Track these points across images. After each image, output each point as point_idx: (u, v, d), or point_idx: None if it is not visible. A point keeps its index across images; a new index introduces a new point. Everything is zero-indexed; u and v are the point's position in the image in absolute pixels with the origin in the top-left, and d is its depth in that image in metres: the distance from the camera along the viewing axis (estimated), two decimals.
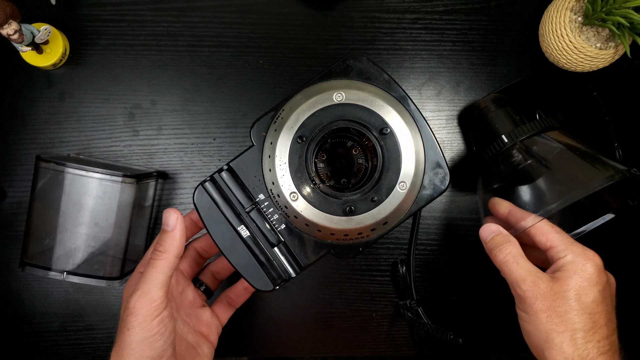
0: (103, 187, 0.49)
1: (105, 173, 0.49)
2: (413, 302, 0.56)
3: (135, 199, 0.51)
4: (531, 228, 0.44)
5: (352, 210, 0.46)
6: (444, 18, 0.58)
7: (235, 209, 0.49)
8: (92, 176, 0.49)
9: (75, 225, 0.49)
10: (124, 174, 0.49)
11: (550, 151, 0.49)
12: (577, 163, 0.47)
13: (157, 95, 0.58)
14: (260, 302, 0.59)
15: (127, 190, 0.50)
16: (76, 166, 0.48)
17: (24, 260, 0.50)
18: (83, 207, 0.49)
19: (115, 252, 0.51)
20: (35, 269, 0.49)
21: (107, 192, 0.49)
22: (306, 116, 0.46)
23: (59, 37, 0.56)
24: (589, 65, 0.53)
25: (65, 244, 0.49)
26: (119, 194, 0.50)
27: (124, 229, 0.51)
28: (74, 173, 0.48)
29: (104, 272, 0.50)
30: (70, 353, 0.59)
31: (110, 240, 0.50)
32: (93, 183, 0.49)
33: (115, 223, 0.50)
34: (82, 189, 0.49)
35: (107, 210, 0.50)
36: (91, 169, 0.49)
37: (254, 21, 0.58)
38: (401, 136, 0.46)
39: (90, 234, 0.49)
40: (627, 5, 0.47)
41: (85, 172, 0.48)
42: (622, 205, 0.50)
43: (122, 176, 0.49)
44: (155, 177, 0.55)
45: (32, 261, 0.50)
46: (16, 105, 0.57)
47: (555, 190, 0.46)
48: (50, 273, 0.49)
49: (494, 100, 0.54)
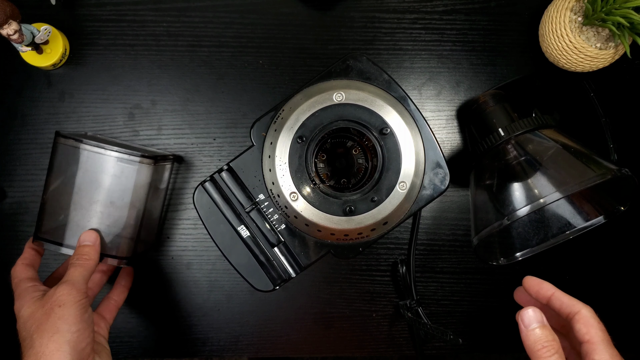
0: (120, 166, 0.49)
1: (123, 152, 0.49)
2: (413, 302, 0.56)
3: (151, 180, 0.51)
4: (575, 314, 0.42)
5: (352, 210, 0.46)
6: (444, 18, 0.58)
7: (235, 209, 0.49)
8: (110, 154, 0.49)
9: (90, 203, 0.49)
10: (142, 154, 0.49)
11: (544, 149, 0.49)
12: (569, 161, 0.47)
13: (157, 95, 0.58)
14: (260, 302, 0.59)
15: (144, 171, 0.50)
16: (93, 143, 0.48)
17: (37, 235, 0.50)
18: (100, 185, 0.49)
19: (128, 232, 0.51)
20: (49, 244, 0.50)
21: (124, 172, 0.49)
22: (306, 116, 0.46)
23: (59, 37, 0.56)
24: (589, 65, 0.53)
25: (79, 221, 0.49)
26: (136, 174, 0.50)
27: (139, 209, 0.51)
28: (91, 150, 0.49)
29: (116, 251, 0.50)
30: None
31: (125, 219, 0.50)
32: (110, 161, 0.49)
33: (130, 203, 0.50)
34: (100, 166, 0.49)
35: (123, 189, 0.50)
36: (109, 147, 0.49)
37: (254, 21, 0.58)
38: (401, 136, 0.46)
39: (105, 212, 0.49)
40: (627, 5, 0.47)
41: (102, 149, 0.49)
42: (613, 210, 0.50)
43: (139, 156, 0.49)
44: (171, 160, 0.55)
45: (46, 236, 0.50)
46: (16, 105, 0.57)
47: (546, 186, 0.46)
48: (63, 249, 0.49)
49: (494, 95, 0.54)
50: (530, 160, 0.49)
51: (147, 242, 0.56)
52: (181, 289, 0.59)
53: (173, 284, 0.58)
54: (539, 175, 0.47)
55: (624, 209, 0.49)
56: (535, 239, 0.53)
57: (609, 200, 0.50)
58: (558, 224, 0.52)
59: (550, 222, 0.53)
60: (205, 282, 0.58)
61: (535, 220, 0.53)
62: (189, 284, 0.58)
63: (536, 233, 0.53)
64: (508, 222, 0.45)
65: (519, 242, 0.53)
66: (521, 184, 0.47)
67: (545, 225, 0.53)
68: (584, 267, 0.60)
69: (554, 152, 0.48)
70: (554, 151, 0.48)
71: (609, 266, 0.60)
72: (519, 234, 0.53)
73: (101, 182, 0.49)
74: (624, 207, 0.49)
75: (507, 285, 0.60)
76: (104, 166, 0.49)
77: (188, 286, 0.58)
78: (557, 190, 0.44)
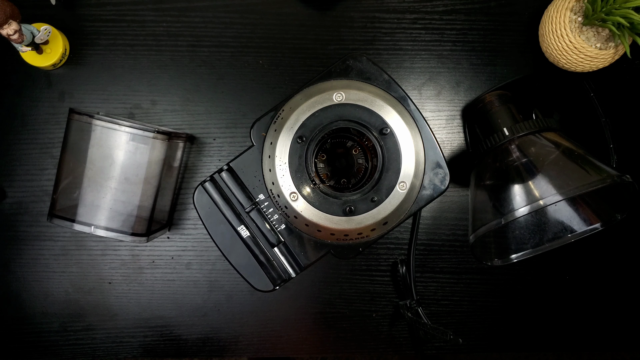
0: (135, 142, 0.49)
1: (137, 128, 0.49)
2: (413, 302, 0.56)
3: (165, 157, 0.51)
4: None
5: (352, 211, 0.46)
6: (444, 18, 0.58)
7: (235, 209, 0.49)
8: (123, 130, 0.49)
9: (105, 179, 0.49)
10: (156, 130, 0.50)
11: (546, 151, 0.49)
12: (570, 165, 0.47)
13: (157, 95, 0.58)
14: (260, 302, 0.59)
15: (158, 147, 0.50)
16: (106, 119, 0.49)
17: (52, 212, 0.50)
18: (114, 161, 0.49)
19: (142, 208, 0.51)
20: (63, 221, 0.49)
21: (138, 148, 0.49)
22: (306, 116, 0.46)
23: (59, 37, 0.56)
24: (589, 65, 0.53)
25: (94, 197, 0.49)
26: (150, 150, 0.50)
27: (153, 185, 0.51)
28: (104, 126, 0.49)
29: (131, 228, 0.50)
30: (70, 353, 0.59)
31: (140, 196, 0.50)
32: (123, 137, 0.49)
33: (145, 179, 0.50)
34: (113, 142, 0.49)
35: (137, 165, 0.50)
36: (122, 122, 0.49)
37: (254, 21, 0.58)
38: (401, 136, 0.46)
39: (119, 189, 0.49)
40: (627, 5, 0.47)
41: (116, 125, 0.49)
42: (611, 218, 0.50)
43: (153, 132, 0.49)
44: (184, 138, 0.55)
45: (60, 214, 0.49)
46: (16, 105, 0.57)
47: (546, 188, 0.46)
48: (78, 226, 0.49)
49: (500, 96, 0.55)
50: (531, 162, 0.49)
51: (161, 222, 0.55)
52: (181, 289, 0.59)
53: (173, 284, 0.58)
54: (540, 177, 0.47)
55: (621, 218, 0.49)
56: (531, 242, 0.53)
57: (608, 207, 0.50)
58: (555, 229, 0.52)
59: (547, 226, 0.53)
60: (205, 282, 0.58)
61: (532, 223, 0.53)
62: (189, 284, 0.59)
63: (532, 236, 0.53)
64: (506, 221, 0.45)
65: (515, 244, 0.53)
66: (521, 185, 0.47)
67: (542, 229, 0.53)
68: (584, 267, 0.60)
69: (555, 155, 0.48)
70: (556, 154, 0.48)
71: (609, 266, 0.60)
72: (515, 236, 0.53)
73: (115, 158, 0.49)
74: (622, 215, 0.49)
75: (507, 285, 0.60)
76: (117, 142, 0.49)
77: (188, 286, 0.59)
78: (557, 193, 0.44)
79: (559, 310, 0.60)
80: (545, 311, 0.60)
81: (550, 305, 0.60)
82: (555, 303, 0.60)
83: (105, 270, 0.58)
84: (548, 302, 0.60)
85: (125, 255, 0.58)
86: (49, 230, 0.58)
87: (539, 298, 0.60)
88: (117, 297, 0.59)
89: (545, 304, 0.60)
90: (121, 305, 0.58)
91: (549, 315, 0.60)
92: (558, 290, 0.60)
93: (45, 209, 0.57)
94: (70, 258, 0.58)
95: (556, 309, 0.60)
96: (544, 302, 0.60)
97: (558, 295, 0.60)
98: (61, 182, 0.50)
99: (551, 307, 0.60)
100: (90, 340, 0.59)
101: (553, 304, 0.60)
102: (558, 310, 0.60)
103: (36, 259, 0.58)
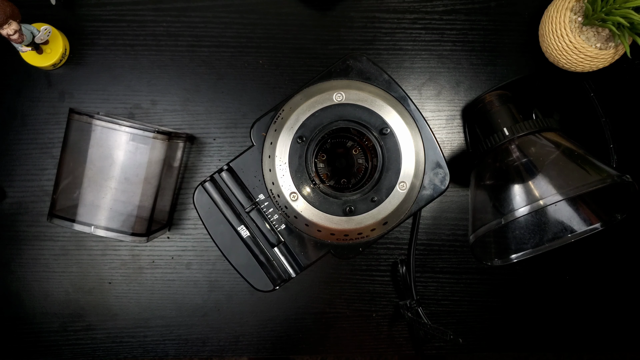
0: (134, 142, 0.49)
1: (137, 128, 0.49)
2: (413, 302, 0.56)
3: (165, 157, 0.51)
4: None
5: (352, 211, 0.46)
6: (444, 18, 0.58)
7: (235, 209, 0.49)
8: (123, 130, 0.49)
9: (105, 179, 0.49)
10: (156, 130, 0.50)
11: (546, 151, 0.49)
12: (570, 165, 0.47)
13: (157, 95, 0.58)
14: (260, 302, 0.59)
15: (158, 147, 0.50)
16: (106, 119, 0.49)
17: (52, 212, 0.50)
18: (114, 161, 0.49)
19: (142, 208, 0.51)
20: (63, 221, 0.49)
21: (138, 148, 0.49)
22: (306, 116, 0.46)
23: (59, 37, 0.56)
24: (589, 65, 0.53)
25: (94, 197, 0.49)
26: (150, 150, 0.50)
27: (153, 185, 0.51)
28: (104, 126, 0.49)
29: (131, 228, 0.50)
30: (70, 353, 0.59)
31: (139, 196, 0.50)
32: (123, 137, 0.49)
33: (145, 179, 0.50)
34: (113, 142, 0.49)
35: (137, 165, 0.50)
36: (122, 122, 0.49)
37: (253, 21, 0.58)
38: (401, 136, 0.46)
39: (119, 189, 0.49)
40: (627, 5, 0.47)
41: (116, 125, 0.49)
42: (611, 218, 0.50)
43: (154, 132, 0.49)
44: (184, 138, 0.55)
45: (60, 214, 0.49)
46: (16, 105, 0.57)
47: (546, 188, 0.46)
48: (78, 226, 0.49)
49: (500, 96, 0.55)
50: (531, 162, 0.49)
51: (161, 222, 0.55)
52: (181, 289, 0.59)
53: (173, 284, 0.58)
54: (540, 177, 0.47)
55: (621, 218, 0.49)
56: (531, 242, 0.53)
57: (608, 207, 0.50)
58: (554, 229, 0.52)
59: (547, 226, 0.53)
60: (205, 282, 0.58)
61: (532, 223, 0.53)
62: (189, 284, 0.59)
63: (532, 236, 0.53)
64: (506, 221, 0.45)
65: (515, 244, 0.53)
66: (521, 185, 0.47)
67: (542, 229, 0.53)
68: (584, 267, 0.60)
69: (555, 155, 0.48)
70: (556, 154, 0.48)
71: (609, 266, 0.60)
72: (515, 236, 0.53)
73: (115, 158, 0.49)
74: (622, 215, 0.49)
75: (507, 285, 0.60)
76: (117, 142, 0.49)
77: (188, 286, 0.59)
78: (557, 193, 0.44)
79: (559, 310, 0.60)
80: (545, 311, 0.60)
81: (550, 305, 0.60)
82: (555, 303, 0.60)
83: (105, 270, 0.58)
84: (548, 302, 0.60)
85: (125, 255, 0.58)
86: (49, 230, 0.58)
87: (539, 298, 0.60)
88: (117, 297, 0.59)
89: (545, 304, 0.60)
90: (121, 305, 0.58)
91: (549, 315, 0.60)
92: (558, 290, 0.60)
93: (45, 209, 0.57)
94: (70, 258, 0.58)
95: (556, 309, 0.60)
96: (544, 302, 0.60)
97: (558, 295, 0.60)
98: (61, 182, 0.50)
99: (551, 307, 0.60)
100: (90, 340, 0.59)
101: (553, 304, 0.60)
102: (558, 310, 0.60)
103: (36, 259, 0.58)
